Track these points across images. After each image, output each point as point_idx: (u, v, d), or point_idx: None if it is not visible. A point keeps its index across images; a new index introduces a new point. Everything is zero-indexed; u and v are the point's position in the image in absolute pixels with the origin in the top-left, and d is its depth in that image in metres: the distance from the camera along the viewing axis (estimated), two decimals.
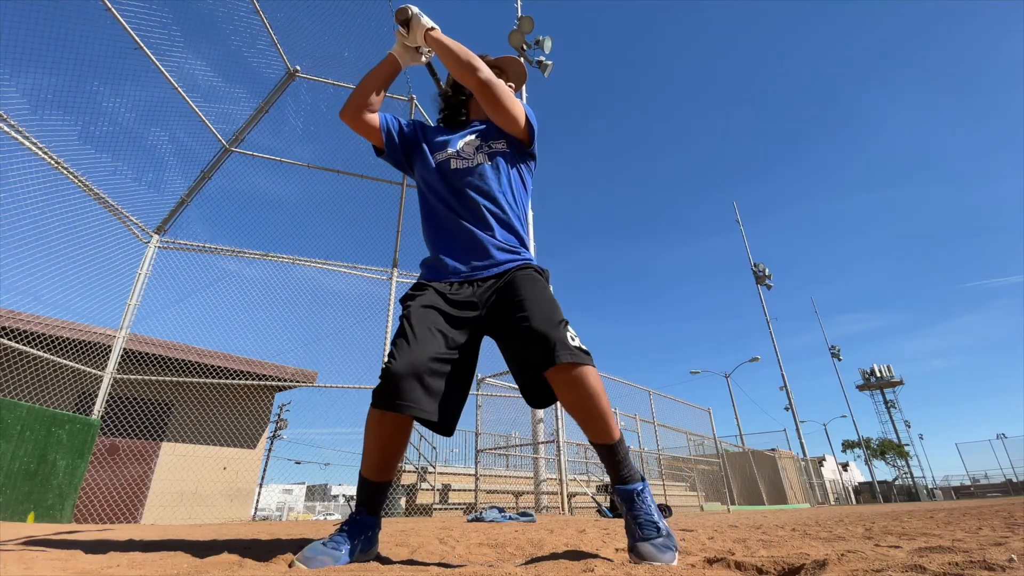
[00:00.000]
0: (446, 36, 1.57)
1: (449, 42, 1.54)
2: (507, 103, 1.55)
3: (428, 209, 1.60)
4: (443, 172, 1.58)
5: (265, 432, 9.72)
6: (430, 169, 1.60)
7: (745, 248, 30.35)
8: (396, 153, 1.68)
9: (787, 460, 20.54)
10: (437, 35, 1.57)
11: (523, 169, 1.67)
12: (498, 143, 1.63)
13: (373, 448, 1.29)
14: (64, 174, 4.57)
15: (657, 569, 1.01)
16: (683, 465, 13.19)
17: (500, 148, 1.62)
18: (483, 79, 1.51)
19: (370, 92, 1.61)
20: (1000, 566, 0.88)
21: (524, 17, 9.11)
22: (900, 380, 46.60)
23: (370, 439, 1.28)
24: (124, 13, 4.46)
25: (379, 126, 1.64)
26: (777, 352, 26.41)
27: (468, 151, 1.61)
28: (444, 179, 1.57)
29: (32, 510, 3.85)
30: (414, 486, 7.51)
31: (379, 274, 6.65)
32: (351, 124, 1.63)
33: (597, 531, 2.50)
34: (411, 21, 1.58)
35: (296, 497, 33.98)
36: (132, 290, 5.44)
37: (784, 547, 1.63)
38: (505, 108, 1.55)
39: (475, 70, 1.51)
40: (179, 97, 5.15)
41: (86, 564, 1.10)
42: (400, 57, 1.65)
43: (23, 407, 3.87)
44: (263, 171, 6.19)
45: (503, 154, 1.62)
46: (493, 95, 1.53)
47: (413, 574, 1.00)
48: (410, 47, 1.65)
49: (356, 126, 1.63)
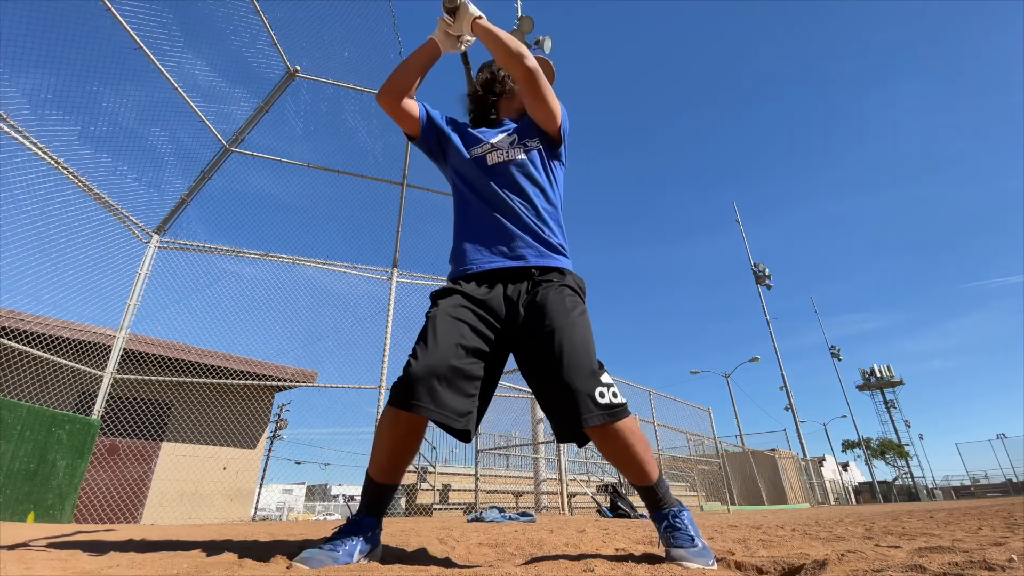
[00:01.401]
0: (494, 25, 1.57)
1: (497, 31, 1.54)
2: (549, 96, 1.55)
3: (463, 202, 1.58)
4: (480, 165, 1.57)
5: (265, 432, 9.72)
6: (465, 161, 1.59)
7: (745, 248, 30.37)
8: (431, 141, 1.66)
9: (787, 460, 20.53)
10: (485, 23, 1.57)
11: (556, 167, 1.65)
12: (532, 140, 1.61)
13: (384, 448, 1.26)
14: (64, 174, 4.57)
15: (658, 569, 1.01)
16: (683, 465, 13.19)
17: (534, 144, 1.61)
18: (532, 67, 1.50)
19: (410, 77, 1.60)
20: (1000, 566, 0.88)
21: (524, 17, 9.10)
22: (900, 380, 46.63)
23: (382, 439, 1.25)
24: (124, 13, 4.46)
25: (417, 112, 1.63)
26: (777, 352, 26.42)
27: (503, 145, 1.60)
28: (481, 172, 1.55)
29: (32, 510, 3.85)
30: (414, 486, 7.51)
31: (379, 274, 6.65)
32: (388, 108, 1.61)
33: (597, 531, 2.50)
34: (459, 9, 1.57)
35: (296, 497, 33.95)
36: (132, 290, 5.44)
37: (784, 547, 1.63)
38: (547, 100, 1.55)
39: (524, 58, 1.50)
40: (179, 97, 5.15)
41: (86, 564, 1.10)
42: (441, 43, 1.64)
43: (23, 407, 3.86)
44: (263, 171, 6.19)
45: (538, 150, 1.60)
46: (539, 85, 1.53)
47: (413, 574, 1.00)
48: (452, 35, 1.63)
49: (393, 110, 1.61)
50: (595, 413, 1.20)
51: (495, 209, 1.49)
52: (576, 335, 1.29)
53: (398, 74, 1.60)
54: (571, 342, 1.27)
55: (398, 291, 6.53)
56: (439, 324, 1.28)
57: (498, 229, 1.47)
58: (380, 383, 5.90)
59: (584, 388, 1.22)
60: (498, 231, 1.47)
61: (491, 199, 1.51)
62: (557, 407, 1.26)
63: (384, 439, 1.25)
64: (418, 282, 6.77)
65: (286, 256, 6.36)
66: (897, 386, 46.67)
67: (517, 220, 1.47)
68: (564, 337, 1.27)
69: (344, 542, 1.18)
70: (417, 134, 1.65)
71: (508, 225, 1.47)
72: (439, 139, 1.67)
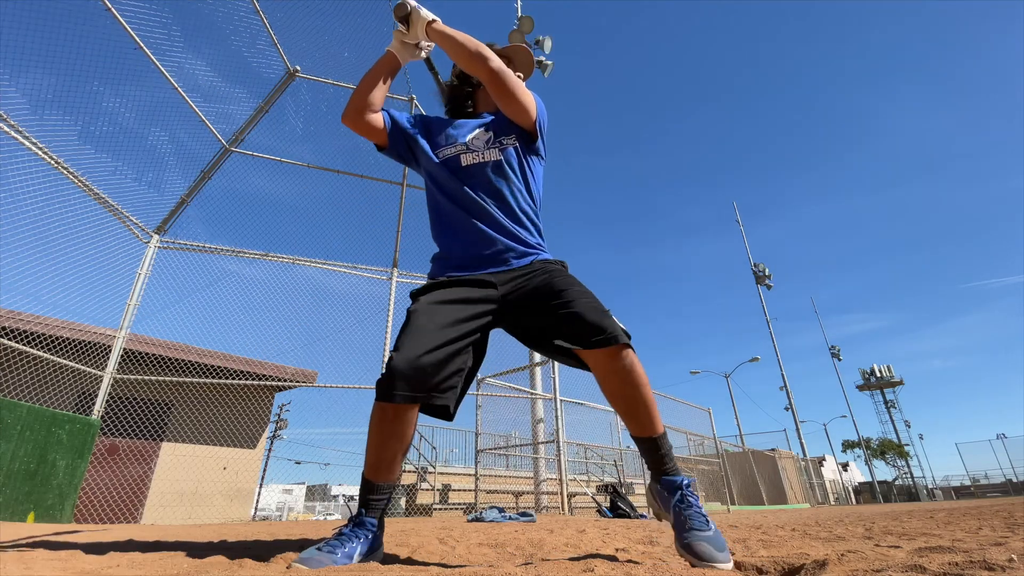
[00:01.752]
0: (449, 27, 1.53)
1: (454, 33, 1.51)
2: (519, 93, 1.51)
3: (436, 205, 1.55)
4: (452, 167, 1.52)
5: (265, 432, 9.72)
6: (434, 164, 1.55)
7: (745, 248, 30.37)
8: (400, 147, 1.63)
9: (787, 460, 20.53)
10: (440, 27, 1.53)
11: (534, 162, 1.61)
12: (508, 137, 1.57)
13: (376, 445, 1.26)
14: (64, 174, 4.57)
15: (658, 569, 1.01)
16: (683, 465, 13.07)
17: (510, 142, 1.56)
18: (494, 68, 1.47)
19: (370, 93, 1.56)
20: (1000, 566, 0.88)
21: (524, 17, 9.11)
22: (900, 380, 46.62)
23: (372, 436, 1.25)
24: (124, 13, 4.46)
25: (382, 125, 1.60)
26: (777, 352, 26.43)
27: (478, 144, 1.55)
28: (453, 174, 1.51)
29: (32, 510, 3.85)
30: (414, 486, 7.52)
31: (379, 274, 6.65)
32: (353, 127, 1.58)
33: (597, 531, 2.50)
34: (411, 16, 1.53)
35: (296, 497, 33.94)
36: (132, 290, 5.44)
37: (784, 547, 1.63)
38: (516, 99, 1.51)
39: (485, 60, 1.47)
40: (179, 97, 5.15)
41: (86, 564, 1.10)
42: (399, 54, 1.60)
43: (23, 407, 3.86)
44: (263, 171, 6.19)
45: (514, 148, 1.56)
46: (505, 85, 1.49)
47: (413, 574, 1.00)
48: (409, 43, 1.59)
49: (358, 128, 1.58)
50: (624, 333, 1.24)
51: (470, 213, 1.46)
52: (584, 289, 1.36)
53: (357, 92, 1.56)
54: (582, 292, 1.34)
55: (398, 291, 6.53)
56: (421, 316, 1.28)
57: (474, 233, 1.44)
58: None
59: (607, 319, 1.26)
60: (474, 236, 1.44)
61: (465, 203, 1.48)
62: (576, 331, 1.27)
63: (374, 436, 1.26)
64: (418, 282, 6.70)
65: (286, 256, 6.35)
66: (897, 386, 46.67)
67: (493, 223, 1.45)
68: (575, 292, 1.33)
69: (345, 542, 1.17)
70: (385, 144, 1.62)
71: (484, 229, 1.44)
72: (407, 144, 1.62)
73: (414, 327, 1.26)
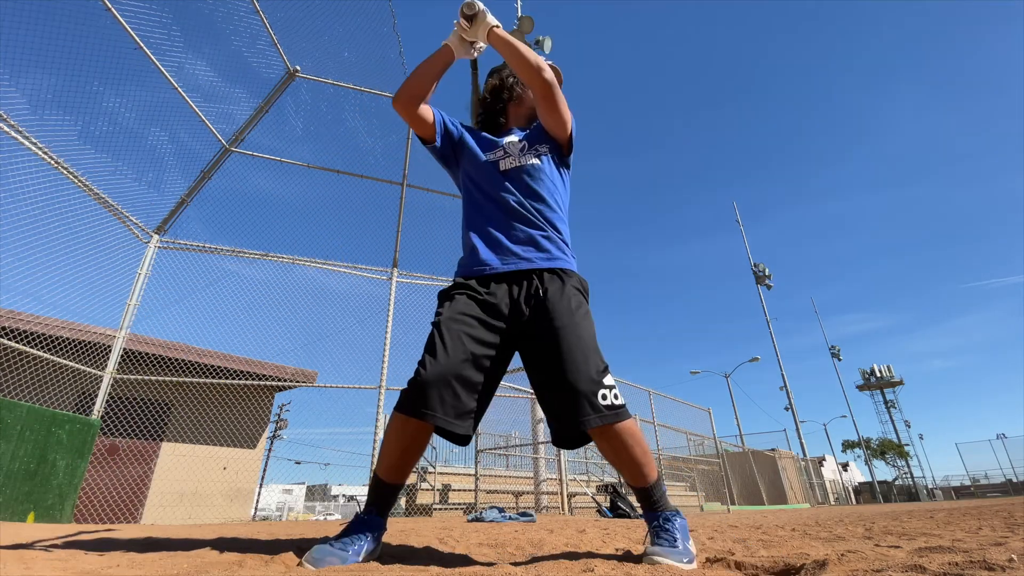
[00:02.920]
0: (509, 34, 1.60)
1: (516, 42, 1.58)
2: (564, 107, 1.62)
3: (474, 205, 1.62)
4: (492, 169, 1.61)
5: (265, 432, 9.72)
6: (478, 165, 1.63)
7: (745, 248, 30.37)
8: (447, 148, 1.70)
9: (787, 460, 20.54)
10: (503, 33, 1.59)
11: (564, 173, 1.70)
12: (543, 147, 1.66)
13: (393, 451, 1.30)
14: (64, 174, 4.57)
15: (658, 569, 1.01)
16: (683, 465, 13.19)
17: (545, 151, 1.65)
18: (548, 80, 1.55)
19: (425, 82, 1.62)
20: (1000, 566, 0.88)
21: (524, 17, 9.10)
22: (900, 380, 46.60)
23: (390, 442, 1.30)
24: (124, 13, 4.45)
25: (433, 118, 1.66)
26: (777, 352, 26.43)
27: (514, 150, 1.64)
28: (493, 176, 1.59)
29: (32, 510, 3.85)
30: (414, 486, 7.51)
31: (379, 274, 6.64)
32: (404, 113, 1.63)
33: (597, 531, 2.50)
34: (477, 16, 1.58)
35: (296, 497, 33.95)
36: (132, 290, 5.44)
37: (784, 547, 1.63)
38: (561, 111, 1.60)
39: (542, 70, 1.55)
40: (179, 97, 5.15)
41: (86, 564, 1.10)
42: (456, 49, 1.65)
43: (23, 407, 3.86)
44: (263, 171, 6.18)
45: (548, 156, 1.65)
46: (555, 97, 1.57)
47: (413, 574, 1.00)
48: (466, 40, 1.65)
49: (409, 115, 1.63)
50: (593, 416, 1.24)
51: (506, 213, 1.53)
52: (579, 334, 1.34)
53: (414, 79, 1.62)
54: (576, 341, 1.32)
55: (398, 291, 6.52)
56: (446, 332, 1.32)
57: (508, 232, 1.51)
58: (380, 383, 5.89)
59: (586, 389, 1.26)
60: (508, 234, 1.51)
61: (503, 203, 1.55)
62: (557, 406, 1.30)
63: (393, 443, 1.29)
64: (418, 282, 6.77)
65: (286, 256, 6.35)
66: (897, 386, 46.64)
67: (527, 223, 1.52)
68: (568, 336, 1.32)
69: (354, 540, 1.20)
70: (433, 139, 1.68)
71: (518, 228, 1.51)
72: (454, 146, 1.71)
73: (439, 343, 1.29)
